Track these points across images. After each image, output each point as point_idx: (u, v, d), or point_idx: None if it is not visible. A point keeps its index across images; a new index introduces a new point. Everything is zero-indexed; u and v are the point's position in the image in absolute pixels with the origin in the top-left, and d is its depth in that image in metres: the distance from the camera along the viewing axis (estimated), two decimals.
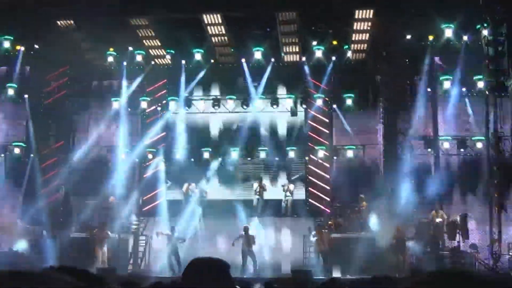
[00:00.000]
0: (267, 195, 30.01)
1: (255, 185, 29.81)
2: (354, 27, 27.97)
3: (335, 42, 29.12)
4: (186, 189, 29.87)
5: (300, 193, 30.47)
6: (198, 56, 29.79)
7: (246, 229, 26.53)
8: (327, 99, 30.21)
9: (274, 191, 30.58)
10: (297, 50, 29.69)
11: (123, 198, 29.77)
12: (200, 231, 28.99)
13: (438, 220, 27.22)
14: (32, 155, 29.81)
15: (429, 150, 29.41)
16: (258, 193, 29.60)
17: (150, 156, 30.58)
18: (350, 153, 29.82)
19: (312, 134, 30.39)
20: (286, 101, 30.52)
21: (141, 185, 30.85)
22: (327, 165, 30.10)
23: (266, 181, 30.71)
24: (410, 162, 28.58)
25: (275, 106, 30.53)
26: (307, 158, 30.43)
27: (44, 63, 29.85)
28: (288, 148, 30.51)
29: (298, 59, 30.14)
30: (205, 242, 28.35)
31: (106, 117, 31.06)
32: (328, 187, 29.81)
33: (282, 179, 31.08)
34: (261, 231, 28.52)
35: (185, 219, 28.77)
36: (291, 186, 29.76)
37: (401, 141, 28.96)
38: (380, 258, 24.36)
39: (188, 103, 30.96)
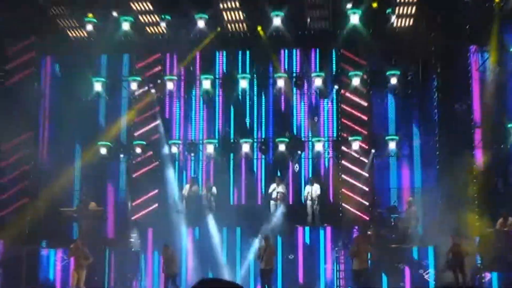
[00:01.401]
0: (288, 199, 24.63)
1: (272, 187, 23.77)
2: None
3: (375, 5, 23.81)
4: (187, 192, 23.89)
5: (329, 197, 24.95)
6: (201, 23, 23.96)
7: (267, 239, 20.67)
8: (365, 77, 24.40)
9: (297, 193, 25.09)
10: (327, 15, 24.05)
11: (107, 203, 24.48)
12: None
13: (506, 229, 22.04)
14: None
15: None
16: (277, 198, 23.67)
17: (139, 150, 24.69)
18: (392, 145, 24.07)
19: (346, 121, 24.79)
20: (314, 80, 24.53)
21: (130, 187, 25.07)
22: (365, 160, 24.39)
23: (285, 182, 24.71)
24: (471, 156, 23.28)
25: (299, 87, 24.79)
26: (339, 151, 24.74)
27: (3, 34, 24.33)
28: (314, 139, 24.72)
29: (328, 26, 24.45)
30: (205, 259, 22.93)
31: (85, 100, 25.02)
32: (366, 188, 24.28)
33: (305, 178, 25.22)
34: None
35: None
36: (316, 189, 23.78)
37: (460, 131, 23.68)
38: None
39: (189, 84, 25.04)
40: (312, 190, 23.85)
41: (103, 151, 24.50)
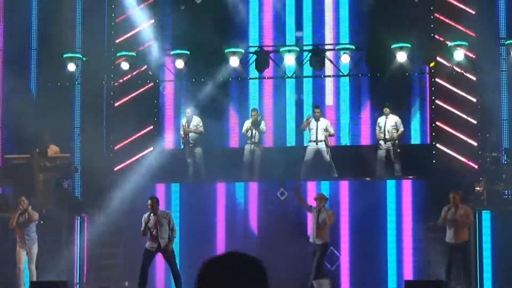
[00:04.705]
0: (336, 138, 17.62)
1: (312, 122, 16.55)
2: None
3: None
4: (184, 128, 16.74)
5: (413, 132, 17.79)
6: None
7: (321, 199, 14.72)
8: None
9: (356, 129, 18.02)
10: None
11: (77, 147, 17.28)
12: None
13: None
14: None
15: None
16: (324, 139, 16.47)
17: (126, 66, 16.76)
18: None
19: (441, 16, 17.36)
20: None
21: (110, 121, 17.59)
22: (473, 77, 17.05)
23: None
24: None
25: None
26: (431, 64, 17.24)
27: None
28: (394, 46, 16.81)
29: None
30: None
31: None
32: (474, 121, 17.30)
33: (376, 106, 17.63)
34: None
35: None
36: (395, 123, 16.52)
37: None
38: None
39: None
40: (387, 124, 16.59)
41: (71, 67, 16.91)
